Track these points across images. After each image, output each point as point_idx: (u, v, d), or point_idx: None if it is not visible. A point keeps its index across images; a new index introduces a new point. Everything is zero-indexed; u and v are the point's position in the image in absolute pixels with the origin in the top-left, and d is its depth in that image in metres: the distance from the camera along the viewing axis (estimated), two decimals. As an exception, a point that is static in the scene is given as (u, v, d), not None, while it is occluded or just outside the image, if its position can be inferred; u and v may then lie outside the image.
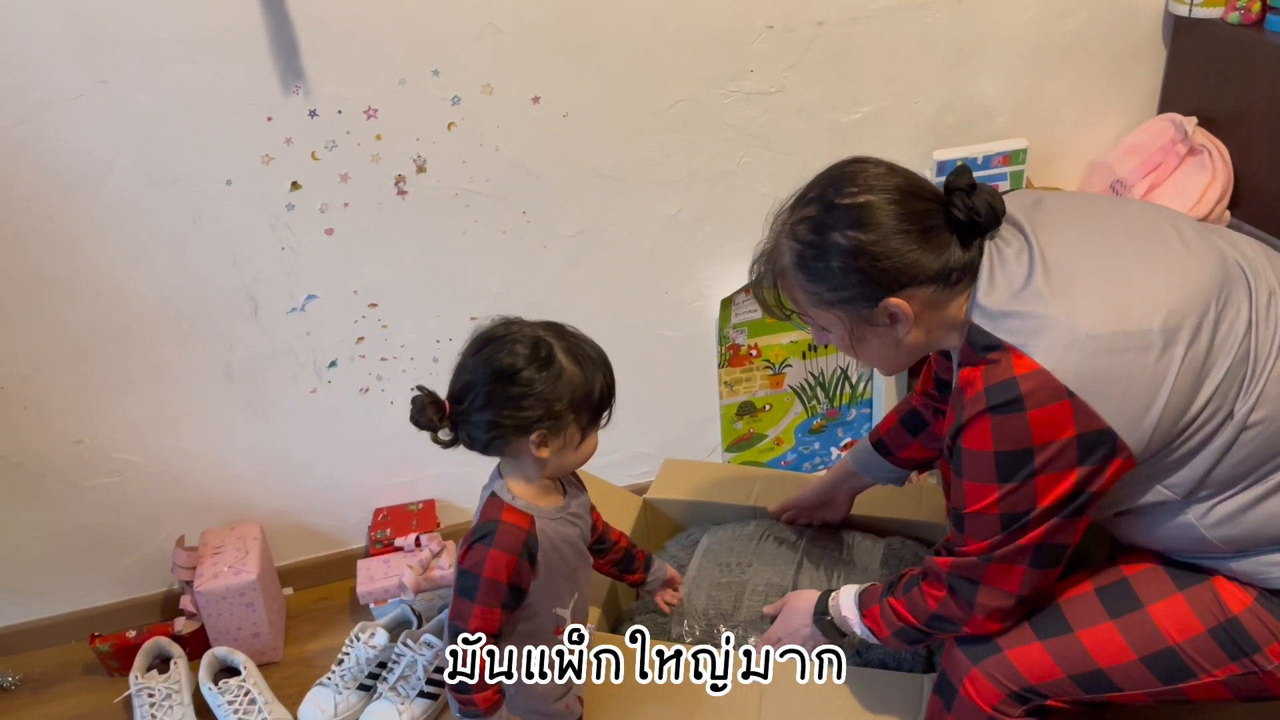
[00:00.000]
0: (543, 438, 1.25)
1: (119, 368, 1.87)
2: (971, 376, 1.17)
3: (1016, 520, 1.17)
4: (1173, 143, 2.05)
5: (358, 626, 1.90)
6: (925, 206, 1.19)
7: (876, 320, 1.22)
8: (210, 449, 1.99)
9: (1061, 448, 1.12)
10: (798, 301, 1.27)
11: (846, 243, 1.18)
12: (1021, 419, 1.12)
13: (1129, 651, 1.23)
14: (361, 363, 1.99)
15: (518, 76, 1.80)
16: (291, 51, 1.68)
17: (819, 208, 1.21)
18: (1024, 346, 1.13)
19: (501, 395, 1.22)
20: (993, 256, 1.20)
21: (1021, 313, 1.15)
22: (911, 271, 1.18)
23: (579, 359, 1.26)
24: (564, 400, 1.24)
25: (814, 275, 1.22)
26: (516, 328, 1.27)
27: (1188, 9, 2.02)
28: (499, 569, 1.24)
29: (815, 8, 1.89)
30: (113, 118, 1.66)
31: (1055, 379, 1.10)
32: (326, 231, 1.84)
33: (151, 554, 2.06)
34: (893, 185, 1.19)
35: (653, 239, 2.02)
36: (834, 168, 1.25)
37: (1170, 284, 1.15)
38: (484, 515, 1.29)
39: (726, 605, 1.61)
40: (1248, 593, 1.22)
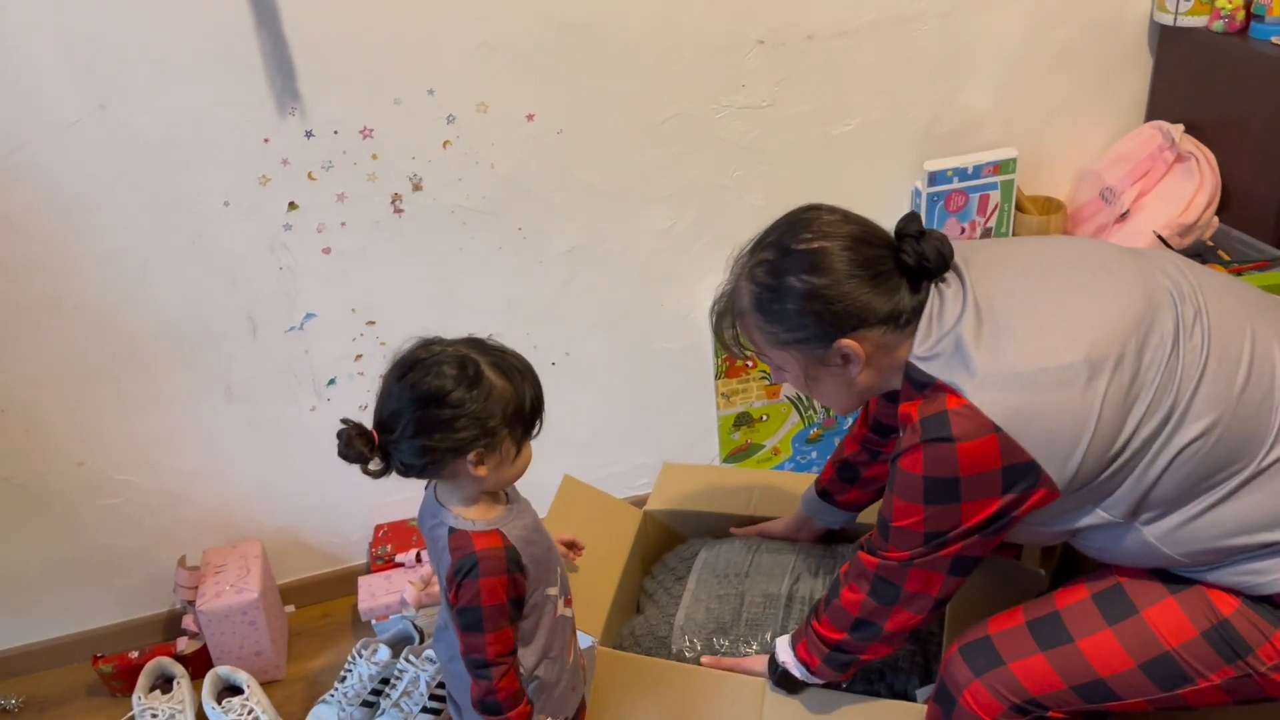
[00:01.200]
0: (480, 456, 1.24)
1: (120, 390, 1.88)
2: (910, 410, 1.23)
3: (938, 537, 1.24)
4: (1160, 150, 2.07)
5: (360, 643, 1.90)
6: (877, 253, 1.25)
7: (830, 361, 1.28)
8: (211, 468, 2.00)
9: (987, 478, 1.18)
10: (755, 341, 1.33)
11: (801, 286, 1.23)
12: (950, 450, 1.17)
13: (1128, 659, 1.24)
14: (360, 380, 2.00)
15: (512, 94, 1.82)
16: (288, 73, 1.70)
17: (776, 252, 1.27)
18: (954, 384, 1.19)
19: (433, 419, 1.21)
20: (934, 300, 1.26)
21: (953, 352, 1.20)
22: (863, 314, 1.24)
23: (506, 372, 1.25)
24: (497, 416, 1.23)
25: (771, 316, 1.27)
26: (439, 348, 1.26)
27: (1173, 18, 2.04)
28: (497, 592, 1.25)
29: (805, 22, 1.91)
30: (110, 142, 1.68)
31: (982, 414, 1.16)
32: (324, 251, 1.86)
33: (153, 574, 2.06)
34: (846, 232, 1.25)
35: (648, 252, 2.04)
36: (791, 214, 1.31)
37: (1094, 317, 1.20)
38: (455, 553, 1.27)
39: (726, 617, 1.62)
40: (1235, 596, 1.23)
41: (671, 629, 1.63)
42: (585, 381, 2.13)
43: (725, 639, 1.59)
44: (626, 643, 1.65)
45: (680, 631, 1.63)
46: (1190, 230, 2.02)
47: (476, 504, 1.30)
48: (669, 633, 1.63)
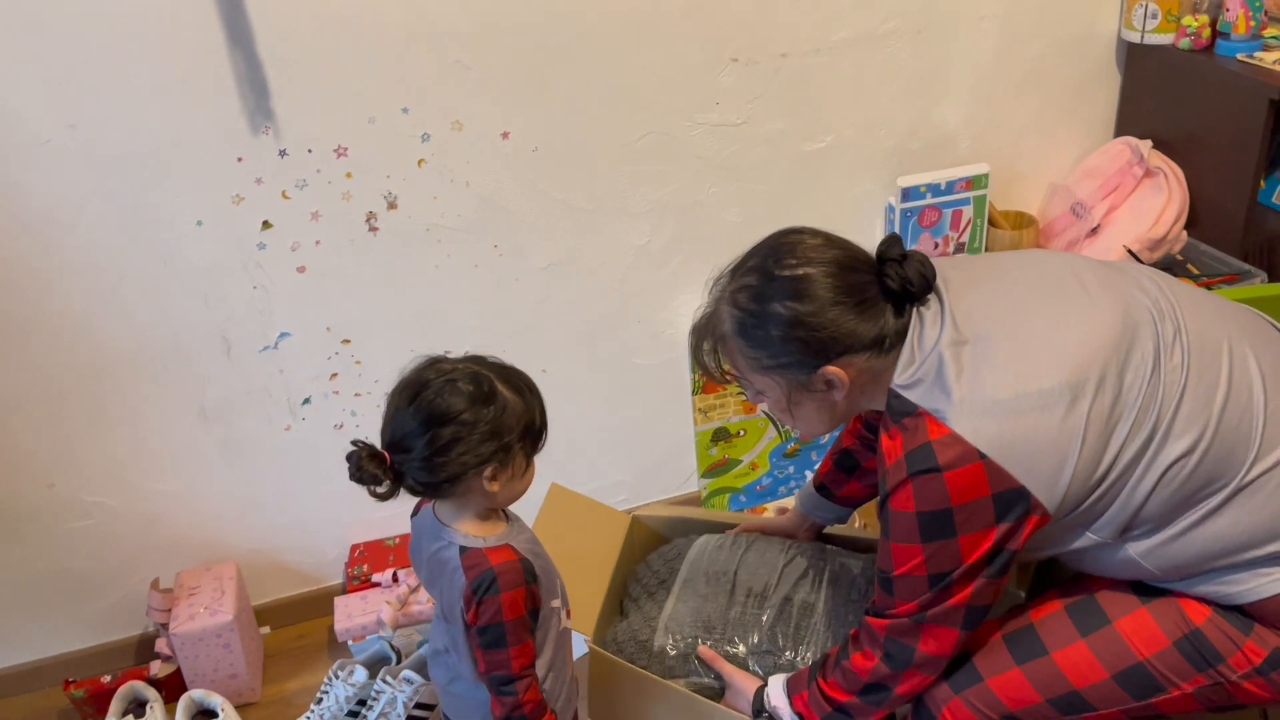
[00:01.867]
0: (494, 471, 1.25)
1: (92, 410, 1.86)
2: (892, 445, 1.22)
3: (943, 579, 1.21)
4: (1130, 165, 2.10)
5: (336, 664, 1.88)
6: (861, 278, 1.24)
7: (814, 386, 1.27)
8: (185, 489, 1.98)
9: (979, 507, 1.16)
10: (737, 366, 1.31)
11: (786, 313, 1.22)
12: (939, 480, 1.16)
13: (1101, 670, 1.25)
14: (335, 399, 1.99)
15: (487, 112, 1.82)
16: (261, 92, 1.69)
17: (759, 277, 1.25)
18: (936, 412, 1.18)
19: (451, 436, 1.21)
20: (915, 324, 1.24)
21: (934, 379, 1.19)
22: (848, 341, 1.22)
23: (517, 388, 1.27)
24: (514, 431, 1.25)
25: (754, 342, 1.26)
26: (448, 366, 1.26)
27: (1140, 36, 2.07)
28: (518, 605, 1.26)
29: (778, 40, 1.93)
30: (82, 161, 1.66)
31: (966, 442, 1.15)
32: (299, 269, 1.85)
33: (126, 597, 2.04)
34: (829, 257, 1.24)
35: (624, 269, 2.04)
36: (773, 238, 1.29)
37: (1073, 340, 1.19)
38: (470, 571, 1.27)
39: (712, 616, 1.60)
40: (1206, 604, 1.24)
41: (654, 631, 1.61)
42: (562, 398, 2.12)
43: (710, 637, 1.57)
44: (609, 649, 1.62)
45: (664, 630, 1.60)
46: (1160, 244, 2.05)
47: (483, 522, 1.31)
48: (650, 636, 1.61)
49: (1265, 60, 1.90)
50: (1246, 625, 1.23)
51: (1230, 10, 1.95)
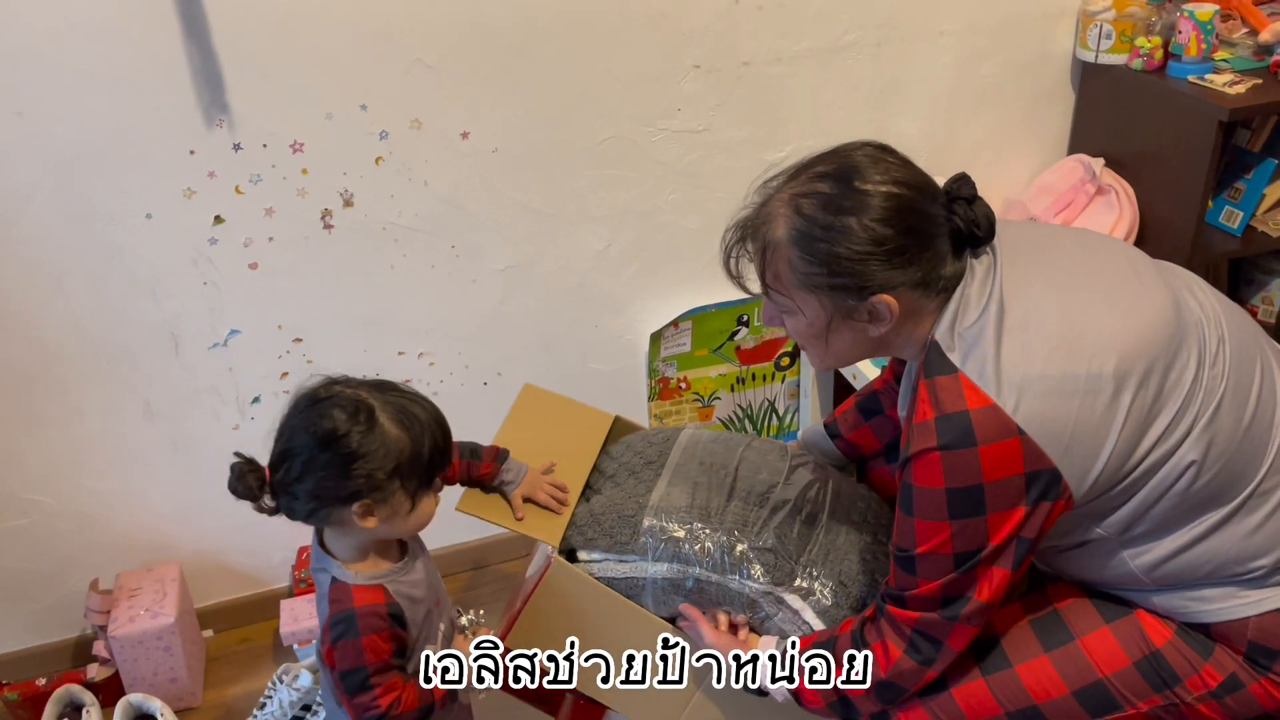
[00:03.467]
0: (367, 508, 1.17)
1: (32, 406, 1.81)
2: (924, 404, 1.14)
3: (969, 558, 1.15)
4: (1082, 182, 2.14)
5: (281, 668, 1.86)
6: (934, 210, 1.16)
7: (858, 315, 1.17)
8: (128, 489, 1.94)
9: (1010, 485, 1.11)
10: (780, 276, 1.18)
11: (864, 232, 1.12)
12: (972, 454, 1.10)
13: (1062, 685, 1.25)
14: (286, 398, 1.93)
15: (447, 112, 1.80)
16: (216, 84, 1.66)
17: (836, 186, 1.14)
18: (978, 378, 1.11)
19: (321, 463, 1.15)
20: (968, 275, 1.18)
21: (977, 341, 1.13)
22: (910, 273, 1.14)
23: (404, 421, 1.18)
24: (387, 468, 1.16)
25: (813, 256, 1.14)
26: (339, 388, 1.19)
27: (1094, 55, 2.10)
28: (379, 650, 1.19)
29: (740, 49, 1.93)
30: (28, 150, 1.62)
31: (1007, 416, 1.09)
32: (250, 266, 1.81)
33: (63, 598, 1.98)
34: (913, 180, 1.15)
35: (583, 273, 2.03)
36: (850, 149, 1.18)
37: (1124, 327, 1.14)
38: (334, 604, 1.21)
39: (711, 505, 1.47)
40: (1168, 626, 1.25)
41: (641, 509, 1.46)
42: (517, 402, 2.11)
43: (708, 525, 1.43)
44: (582, 521, 1.49)
45: (655, 510, 1.46)
46: (1110, 261, 2.09)
47: (365, 554, 1.24)
48: (636, 512, 1.46)
49: (1215, 82, 1.95)
50: (1206, 649, 1.23)
51: (1182, 33, 1.99)
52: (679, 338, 2.15)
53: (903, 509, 1.18)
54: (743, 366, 2.24)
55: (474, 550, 2.21)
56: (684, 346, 2.17)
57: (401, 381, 1.24)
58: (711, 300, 2.12)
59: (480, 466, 1.45)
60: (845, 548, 1.47)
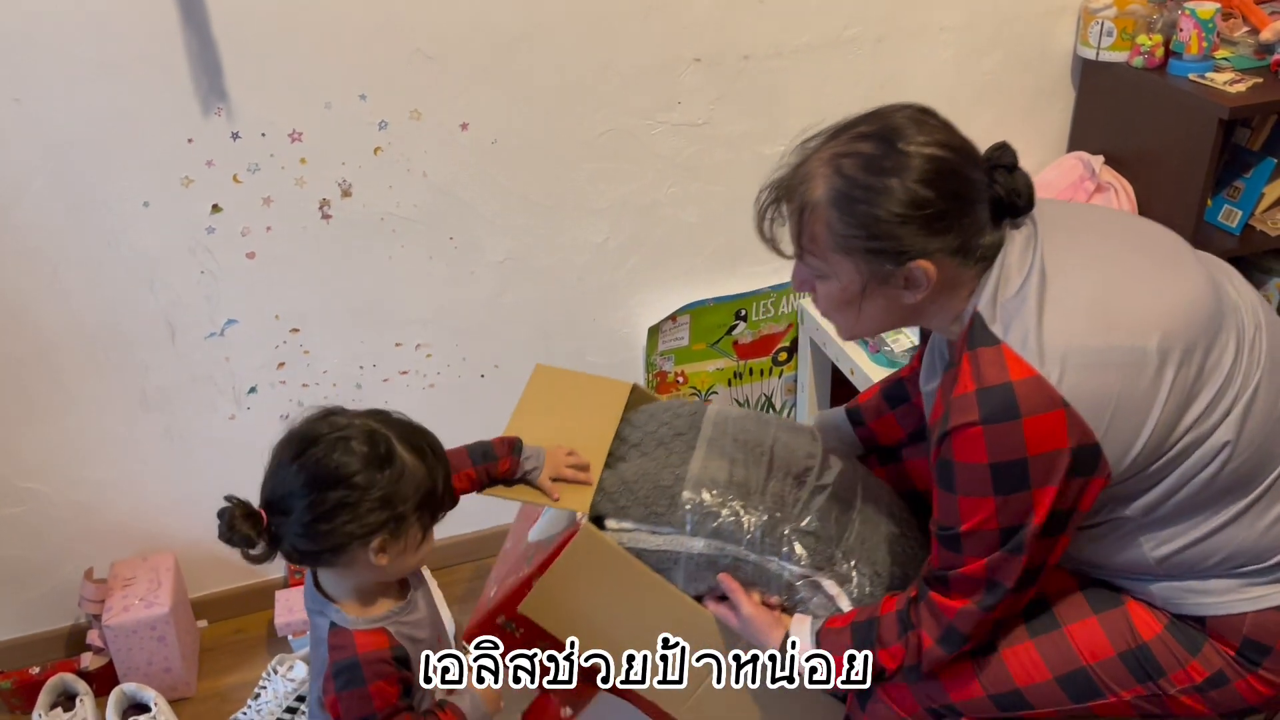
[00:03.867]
0: (384, 543, 1.12)
1: (28, 394, 1.80)
2: (964, 376, 1.12)
3: (1014, 534, 1.13)
4: (1081, 180, 2.14)
5: (275, 659, 1.86)
6: (978, 176, 1.13)
7: (894, 280, 1.15)
8: (123, 478, 1.93)
9: (1054, 458, 1.09)
10: (816, 238, 1.15)
11: (905, 194, 1.09)
12: (1016, 428, 1.08)
13: (1046, 672, 1.26)
14: (282, 389, 1.95)
15: (446, 103, 1.80)
16: (214, 72, 1.66)
17: (880, 146, 1.11)
18: (1020, 349, 1.09)
19: (337, 502, 1.09)
20: (1007, 244, 1.16)
21: (1020, 310, 1.11)
22: (950, 239, 1.12)
23: (419, 450, 1.13)
24: (410, 500, 1.12)
25: (852, 217, 1.11)
26: (343, 420, 1.13)
27: (1095, 53, 2.10)
28: (387, 695, 1.16)
29: (741, 42, 1.93)
30: (26, 137, 1.62)
31: (1051, 387, 1.07)
32: (248, 255, 1.81)
33: (58, 587, 1.98)
34: (956, 144, 1.13)
35: (581, 267, 2.03)
36: (891, 110, 1.15)
37: (1166, 304, 1.13)
38: (334, 653, 1.16)
39: (750, 483, 1.42)
40: (1158, 620, 1.25)
41: (679, 480, 1.40)
42: (515, 395, 2.10)
43: (748, 505, 1.38)
44: (612, 488, 1.42)
45: (694, 483, 1.39)
46: (1109, 259, 2.09)
47: (366, 594, 1.19)
48: (673, 483, 1.40)
49: (1216, 81, 1.95)
50: (1195, 644, 1.23)
51: (1183, 31, 1.99)
52: (677, 332, 2.15)
53: (943, 486, 1.16)
54: (740, 361, 2.24)
55: (470, 543, 2.21)
56: (682, 340, 2.16)
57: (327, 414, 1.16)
58: (710, 295, 2.12)
59: (498, 465, 1.39)
60: (880, 537, 1.44)
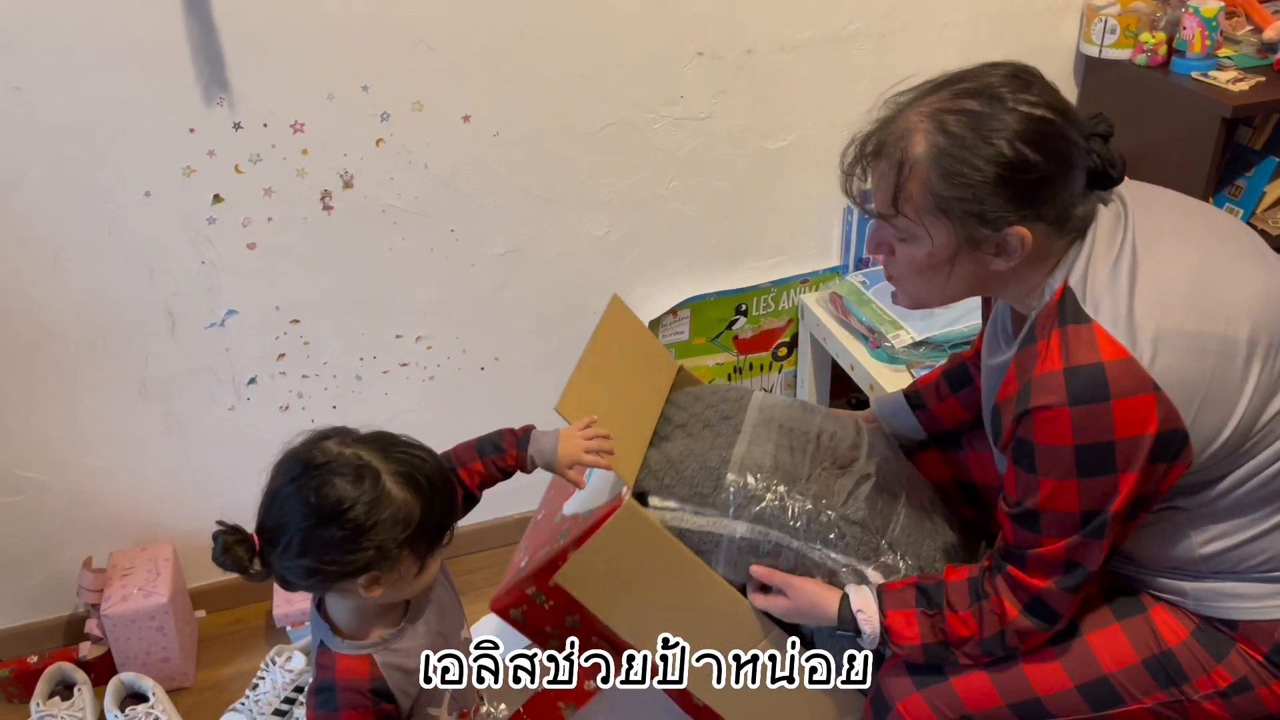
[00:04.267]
0: (374, 579, 1.10)
1: (27, 383, 1.80)
2: (1050, 351, 1.08)
3: (1095, 517, 1.10)
4: (1084, 177, 2.13)
5: (273, 650, 1.86)
6: (1079, 143, 1.09)
7: (986, 246, 1.11)
8: (122, 467, 1.93)
9: (1139, 443, 1.06)
10: (912, 198, 1.10)
11: (1013, 155, 1.05)
12: (1105, 410, 1.04)
13: (1066, 681, 1.24)
14: (282, 380, 1.95)
15: (449, 95, 1.79)
16: (216, 62, 1.65)
17: (987, 104, 1.07)
18: (1112, 328, 1.06)
19: (322, 539, 1.07)
20: (1097, 221, 1.13)
21: (1112, 291, 1.08)
22: (1048, 207, 1.09)
23: (412, 483, 1.10)
24: (396, 536, 1.08)
25: (952, 178, 1.07)
26: (336, 449, 1.10)
27: (1098, 50, 2.10)
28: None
29: (744, 37, 1.92)
30: (26, 125, 1.61)
31: (1143, 370, 1.04)
32: (249, 246, 1.81)
33: (56, 576, 1.98)
34: (1061, 105, 1.09)
35: (582, 260, 2.03)
36: (995, 67, 1.11)
37: (1256, 294, 1.11)
38: (319, 671, 1.16)
39: (796, 470, 1.40)
40: (1184, 625, 1.23)
41: (725, 463, 1.37)
42: (514, 388, 2.11)
43: (794, 491, 1.36)
44: (658, 466, 1.39)
45: (740, 466, 1.37)
46: (1110, 256, 2.08)
47: (363, 618, 1.18)
48: (720, 465, 1.38)
49: (1219, 79, 1.94)
50: (1221, 649, 1.22)
51: (1187, 29, 1.99)
52: (677, 326, 2.15)
53: (1021, 466, 1.12)
54: (740, 356, 2.24)
55: (474, 534, 2.21)
56: (682, 335, 2.16)
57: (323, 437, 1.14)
58: (710, 289, 2.11)
59: (505, 458, 1.32)
60: (924, 531, 1.43)
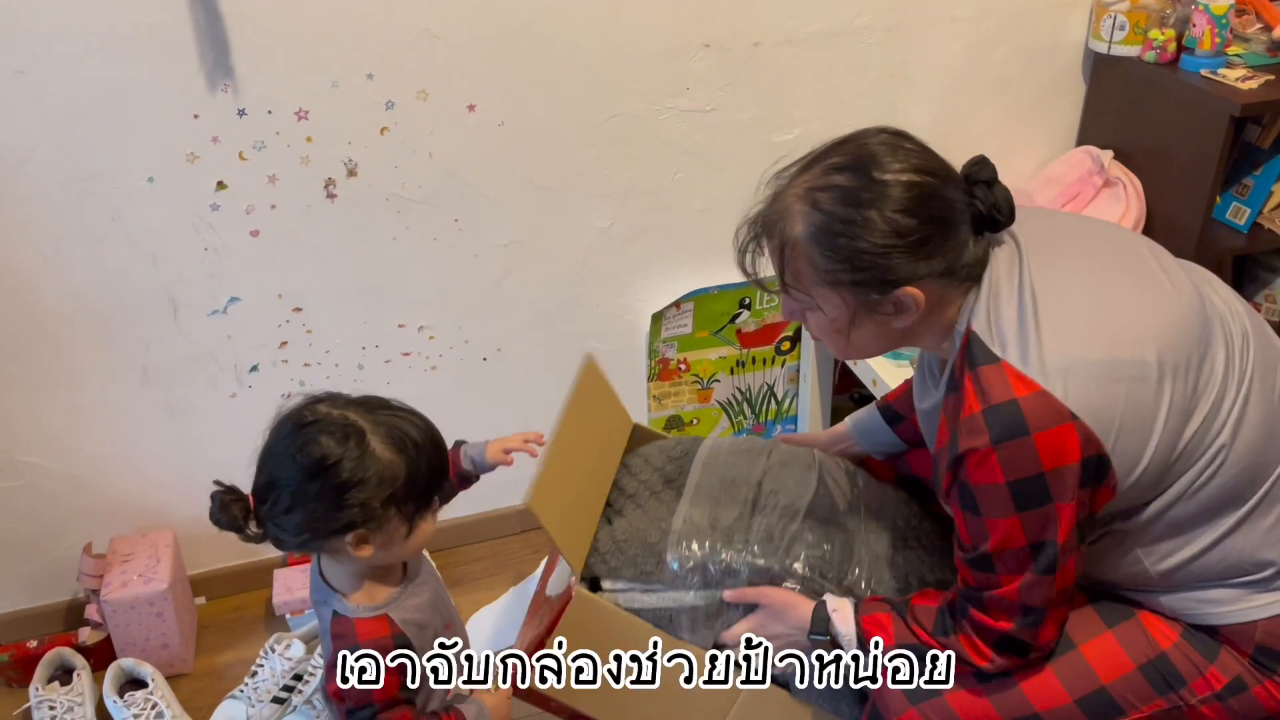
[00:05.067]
0: (361, 538, 1.13)
1: (28, 368, 1.80)
2: (968, 398, 1.11)
3: (1043, 548, 1.12)
4: (1090, 174, 2.13)
5: (273, 638, 1.86)
6: (957, 196, 1.13)
7: (882, 308, 1.15)
8: (123, 453, 1.93)
9: (1068, 472, 1.08)
10: (799, 275, 1.16)
11: (886, 225, 1.08)
12: (1027, 443, 1.07)
13: (1064, 695, 1.23)
14: (284, 368, 1.94)
15: (454, 83, 1.79)
16: (221, 48, 1.64)
17: (855, 179, 1.10)
18: (1022, 366, 1.09)
19: (310, 494, 1.10)
20: (992, 264, 1.16)
21: (1017, 329, 1.11)
22: (935, 263, 1.11)
23: (398, 443, 1.13)
24: (382, 495, 1.11)
25: (834, 251, 1.11)
26: (325, 410, 1.14)
27: (1107, 46, 2.09)
28: (387, 686, 1.17)
29: (751, 29, 1.91)
30: (29, 109, 1.60)
31: (1057, 401, 1.07)
32: (252, 233, 1.80)
33: (56, 561, 1.98)
34: (933, 167, 1.12)
35: (586, 251, 2.02)
36: (864, 136, 1.15)
37: (1158, 317, 1.13)
38: (337, 642, 1.18)
39: (739, 522, 1.43)
40: (1173, 628, 1.24)
41: (664, 535, 1.41)
42: (516, 379, 2.11)
43: (731, 549, 1.40)
44: (605, 549, 1.44)
45: (677, 538, 1.40)
46: (1115, 254, 2.08)
47: (364, 582, 1.20)
48: (660, 539, 1.41)
49: (1228, 77, 1.93)
50: (1212, 650, 1.22)
51: (1196, 26, 1.98)
52: (680, 319, 2.14)
53: (965, 509, 1.15)
54: (743, 350, 2.24)
55: (473, 525, 2.21)
56: (685, 328, 2.16)
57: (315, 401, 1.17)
58: (714, 282, 2.11)
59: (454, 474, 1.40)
60: (888, 567, 1.44)
